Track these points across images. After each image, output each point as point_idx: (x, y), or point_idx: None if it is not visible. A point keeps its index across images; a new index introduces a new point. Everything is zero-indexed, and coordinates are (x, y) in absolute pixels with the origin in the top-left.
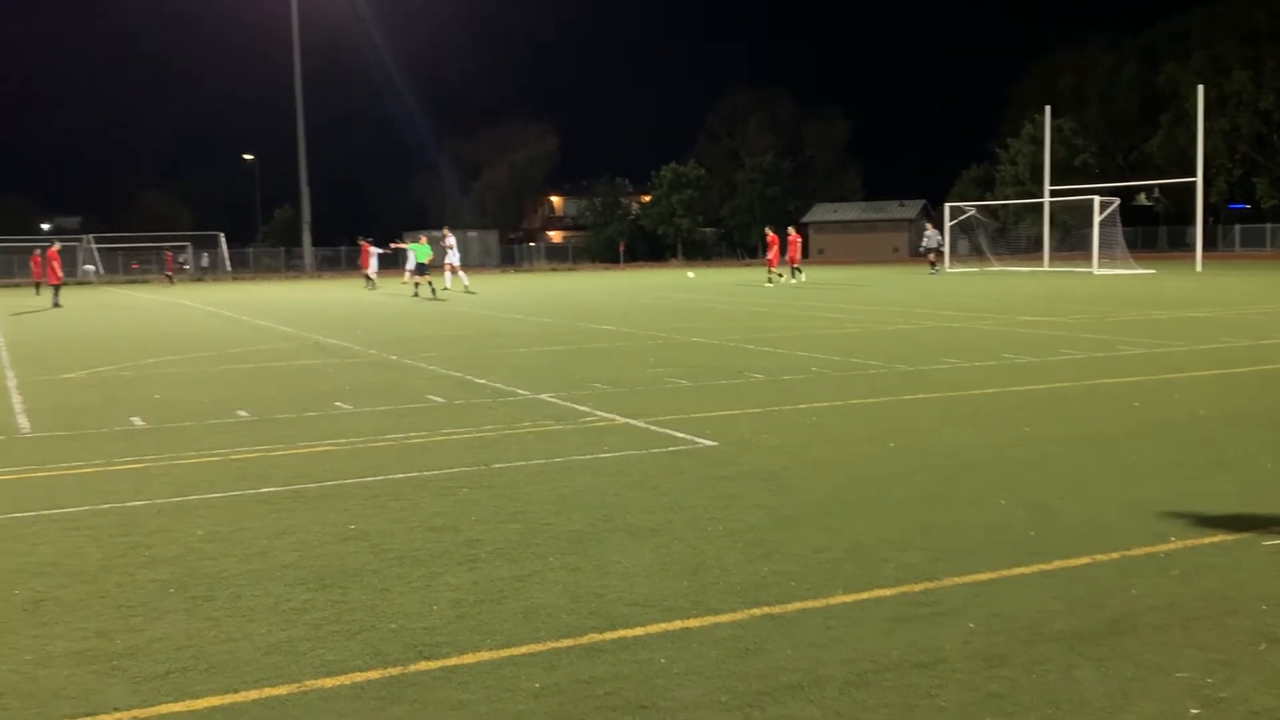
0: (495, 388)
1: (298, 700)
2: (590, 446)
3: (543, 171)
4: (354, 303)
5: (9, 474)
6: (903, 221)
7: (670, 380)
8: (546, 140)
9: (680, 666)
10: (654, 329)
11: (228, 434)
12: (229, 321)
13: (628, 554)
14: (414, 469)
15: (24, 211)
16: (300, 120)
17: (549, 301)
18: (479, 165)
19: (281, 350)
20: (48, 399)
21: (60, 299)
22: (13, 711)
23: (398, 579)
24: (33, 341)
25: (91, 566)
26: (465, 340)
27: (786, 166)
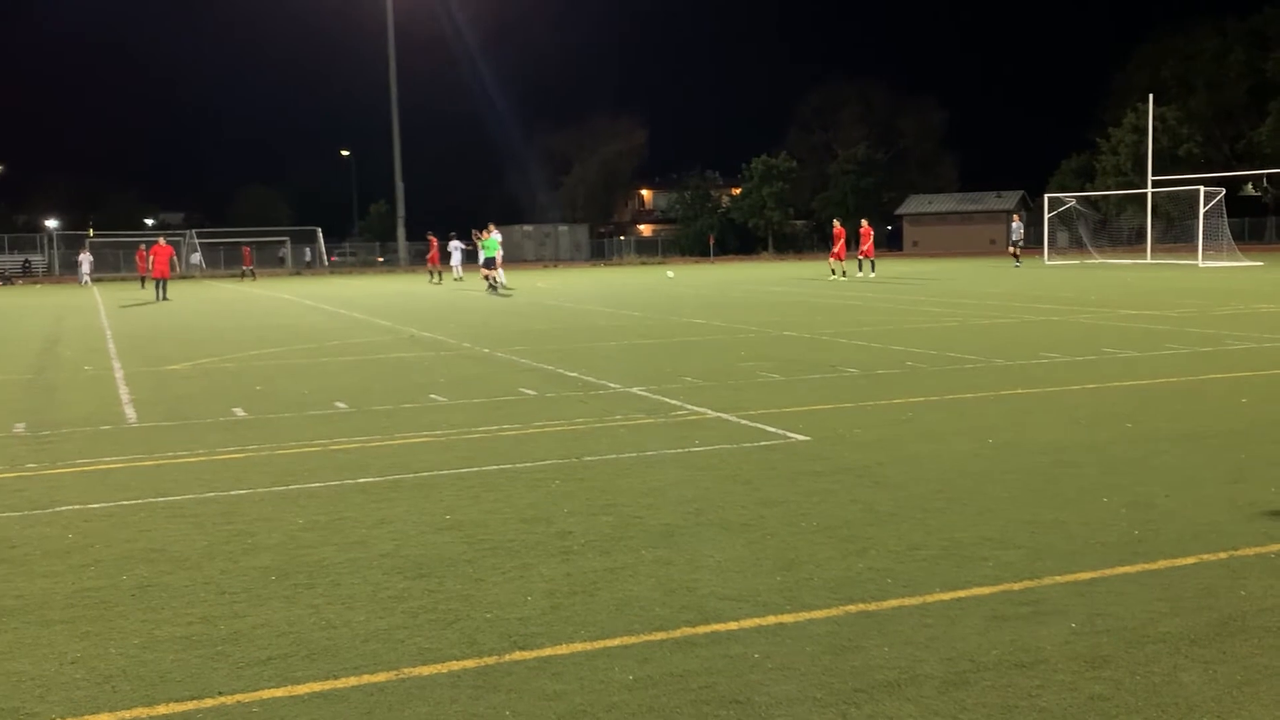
0: (586, 381)
1: (395, 687)
2: (681, 440)
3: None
4: (446, 297)
5: (117, 462)
6: (1000, 213)
7: (762, 374)
8: (636, 134)
9: (774, 662)
10: (745, 322)
11: (327, 425)
12: (327, 315)
13: (720, 548)
14: (507, 461)
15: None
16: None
17: (638, 295)
18: (569, 160)
19: (378, 343)
20: (153, 390)
21: (168, 293)
22: (122, 694)
23: (492, 569)
24: (139, 334)
25: (196, 553)
26: (556, 334)
27: (880, 157)
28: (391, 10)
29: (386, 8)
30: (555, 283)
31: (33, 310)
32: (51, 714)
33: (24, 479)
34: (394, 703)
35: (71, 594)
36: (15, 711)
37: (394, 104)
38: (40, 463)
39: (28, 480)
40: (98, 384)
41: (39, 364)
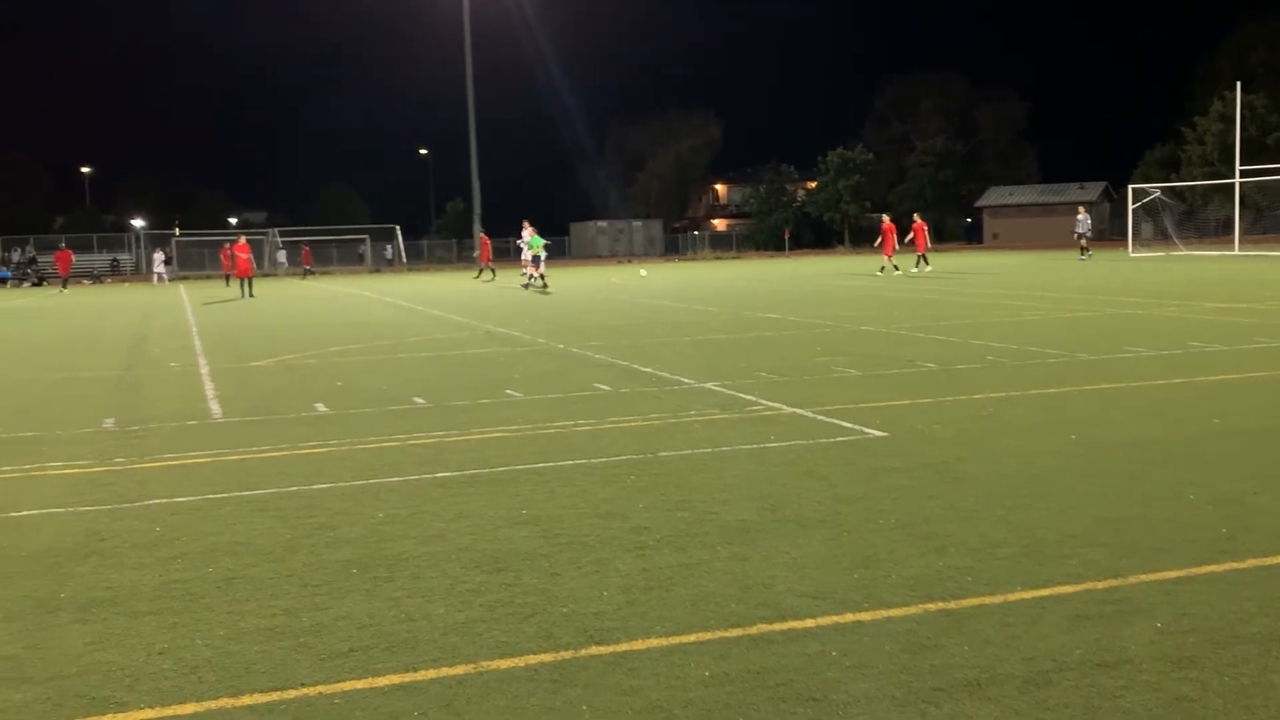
0: (660, 376)
1: (474, 680)
2: (756, 436)
3: (707, 160)
4: (520, 293)
5: (203, 457)
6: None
7: (838, 369)
8: (710, 128)
9: (851, 660)
10: (820, 317)
11: (405, 420)
12: (405, 311)
13: (796, 545)
14: (582, 456)
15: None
16: (471, 115)
17: (713, 290)
18: (643, 155)
19: (455, 339)
20: (238, 386)
21: (253, 290)
22: (208, 684)
23: (568, 564)
24: (223, 331)
25: (279, 546)
26: (630, 329)
27: (959, 149)
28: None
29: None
30: (629, 278)
31: (121, 308)
32: (140, 703)
33: (113, 473)
34: (472, 696)
35: (159, 586)
36: (106, 700)
37: (470, 102)
38: (129, 457)
39: (117, 474)
40: (184, 380)
41: (127, 361)
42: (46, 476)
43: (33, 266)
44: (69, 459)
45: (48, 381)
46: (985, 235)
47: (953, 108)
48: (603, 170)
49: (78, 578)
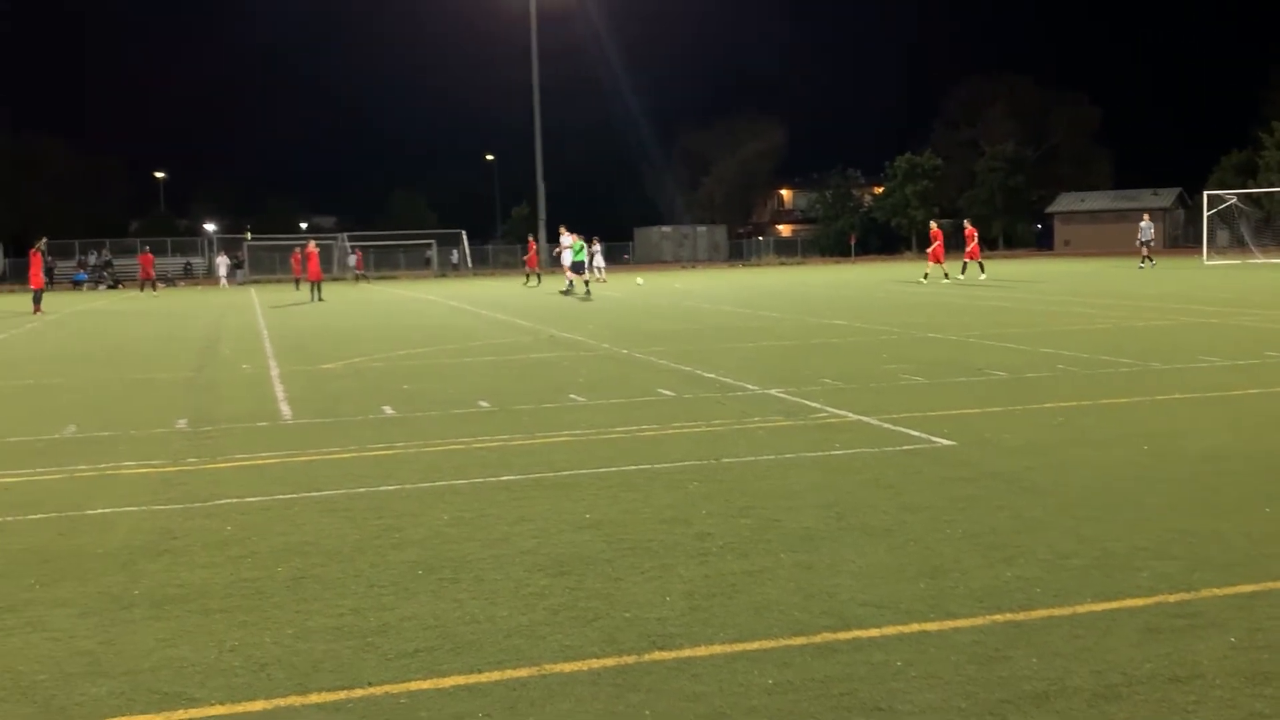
0: (724, 382)
1: (537, 683)
2: (821, 443)
3: (772, 165)
4: (582, 299)
5: (273, 458)
6: (1157, 211)
7: (904, 377)
8: (775, 133)
9: (917, 670)
10: (887, 323)
11: (470, 423)
12: (470, 316)
13: (861, 553)
14: (645, 461)
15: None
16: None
17: (777, 296)
18: (708, 160)
19: (519, 344)
20: (307, 388)
21: (322, 294)
22: (277, 682)
23: (631, 569)
24: (293, 334)
25: (347, 546)
26: (694, 334)
27: (1030, 154)
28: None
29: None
30: (693, 284)
31: (194, 311)
32: (211, 699)
33: (185, 473)
34: (536, 698)
35: (230, 584)
36: (177, 696)
37: (536, 109)
38: (201, 457)
39: (189, 474)
40: (255, 382)
41: (200, 362)
42: (121, 475)
43: (109, 269)
44: (143, 458)
45: (124, 382)
46: (1056, 242)
47: (1023, 111)
48: (667, 175)
49: (151, 575)
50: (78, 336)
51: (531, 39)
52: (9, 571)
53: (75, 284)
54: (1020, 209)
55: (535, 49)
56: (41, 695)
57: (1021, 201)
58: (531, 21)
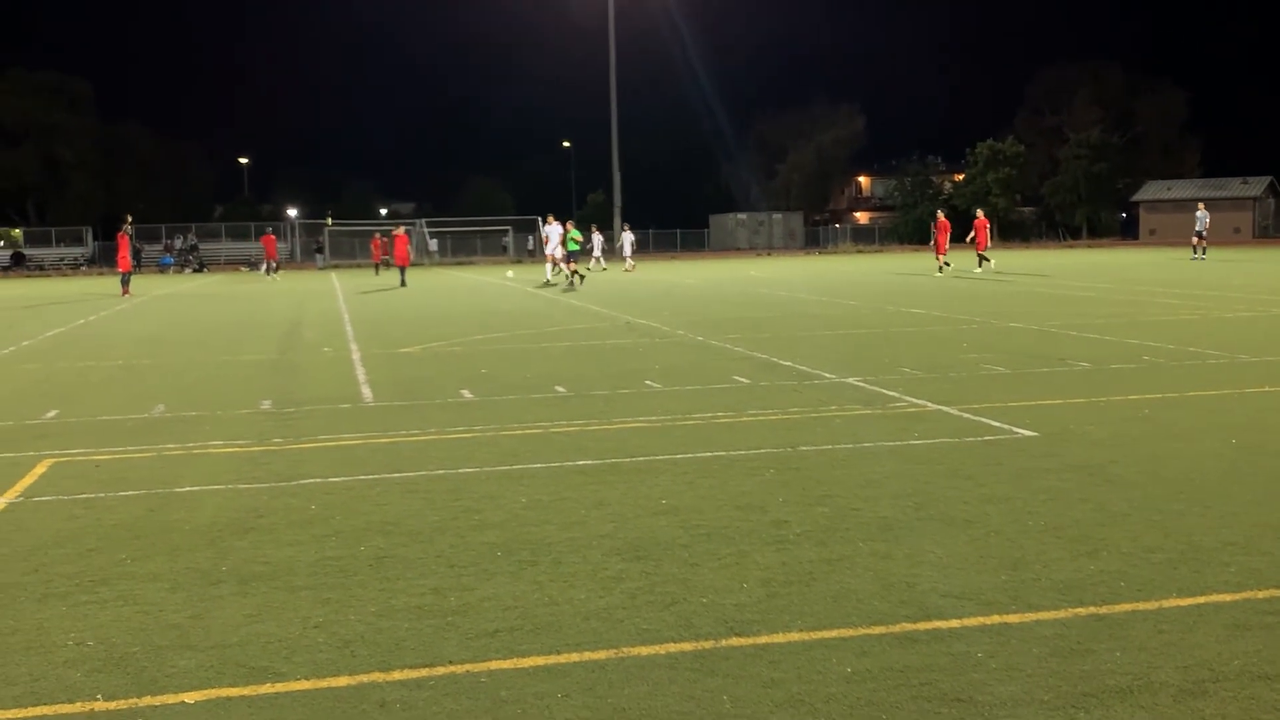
0: (800, 370)
1: (615, 666)
2: (900, 433)
3: (850, 151)
4: (660, 284)
5: (356, 439)
6: (1246, 200)
7: (986, 367)
8: (854, 120)
9: (998, 662)
10: (967, 313)
11: (547, 408)
12: (545, 301)
13: (941, 544)
14: (721, 448)
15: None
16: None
17: (854, 283)
18: (785, 147)
19: (595, 329)
20: (387, 371)
21: (405, 279)
22: (361, 659)
23: (708, 555)
24: (373, 318)
25: (427, 527)
26: (770, 322)
27: (1115, 141)
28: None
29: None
30: (768, 271)
31: (277, 295)
32: (296, 674)
33: (270, 453)
34: (614, 680)
35: (314, 562)
36: (264, 671)
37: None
38: (285, 438)
39: (274, 454)
40: (336, 365)
41: (283, 345)
42: (209, 454)
43: (194, 253)
44: (230, 438)
45: (210, 364)
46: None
47: (1109, 98)
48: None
49: (238, 552)
50: (165, 319)
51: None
52: (102, 546)
53: (162, 267)
54: (1104, 197)
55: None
56: (134, 666)
57: (1106, 189)
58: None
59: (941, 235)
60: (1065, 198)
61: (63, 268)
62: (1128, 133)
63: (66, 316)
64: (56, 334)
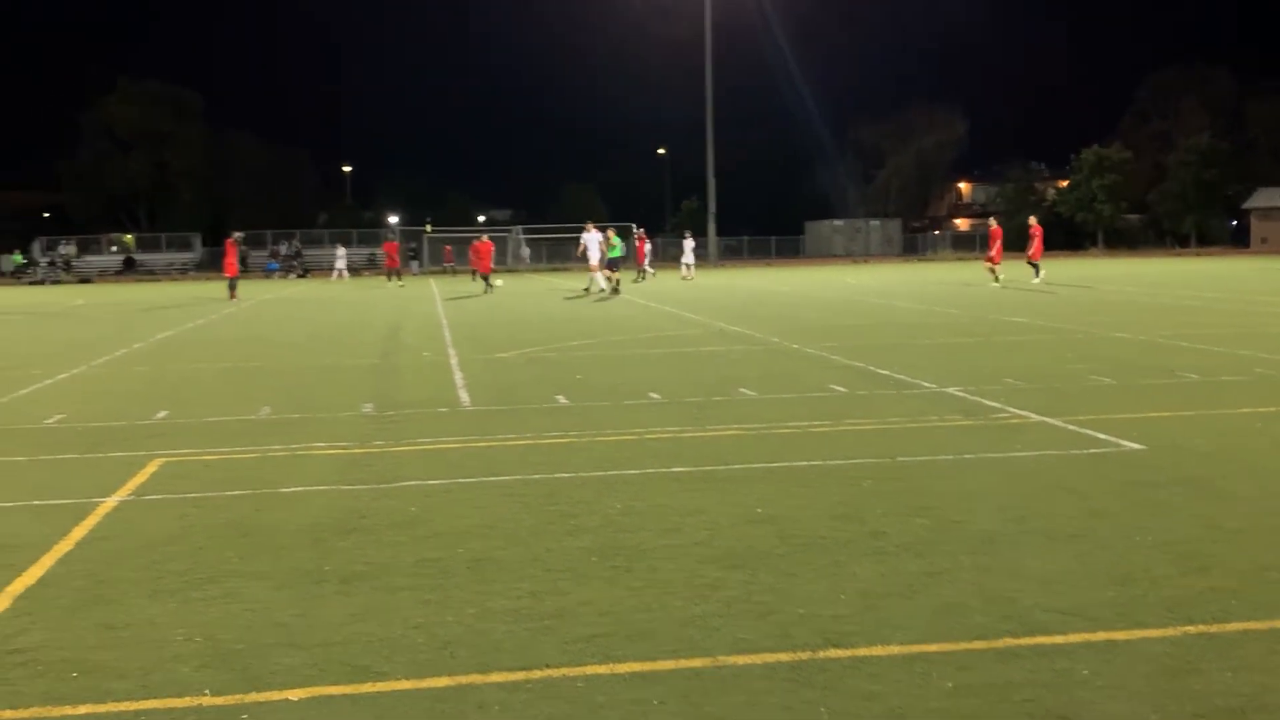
0: (899, 379)
1: (712, 674)
2: (1002, 444)
3: (950, 157)
4: (754, 292)
5: (454, 443)
6: None
7: (1091, 378)
8: (954, 125)
9: (1104, 680)
10: (1071, 322)
11: (641, 414)
12: (638, 308)
13: (1045, 558)
14: (818, 457)
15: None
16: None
17: (954, 291)
18: (882, 153)
19: (688, 336)
20: (484, 376)
21: (491, 285)
22: (460, 660)
23: (804, 565)
24: (471, 323)
25: (524, 531)
26: (866, 330)
27: (1225, 148)
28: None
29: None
30: (865, 278)
31: (377, 301)
32: (397, 674)
33: (372, 455)
34: (710, 689)
35: (414, 563)
36: (366, 670)
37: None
38: (386, 440)
39: (375, 456)
40: (435, 369)
41: (384, 349)
42: (312, 456)
43: (298, 259)
44: (332, 440)
45: (314, 367)
46: (1253, 239)
47: (1219, 103)
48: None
49: (340, 552)
50: (270, 323)
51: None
52: (210, 544)
53: (267, 272)
54: (1214, 204)
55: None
56: (240, 663)
57: (1215, 197)
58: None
59: (995, 243)
60: (1173, 205)
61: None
62: (1238, 138)
63: (176, 320)
64: (166, 337)
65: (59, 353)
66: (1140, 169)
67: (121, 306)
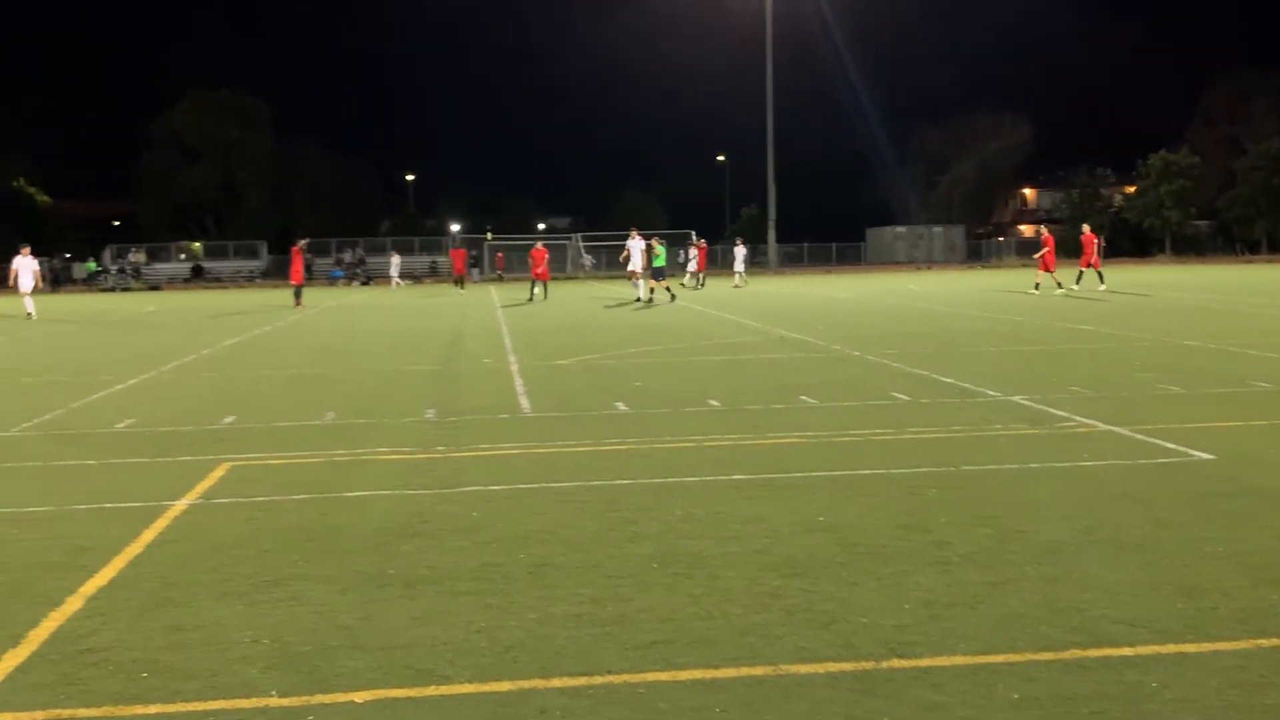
0: (963, 387)
1: (774, 683)
2: (1068, 454)
3: (1014, 163)
4: (814, 299)
5: (514, 449)
6: None
7: (1159, 386)
8: (1019, 130)
9: (1174, 693)
10: (1138, 330)
11: (701, 421)
12: (698, 315)
13: (1112, 569)
14: (880, 466)
15: (523, 212)
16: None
17: (1018, 299)
18: (946, 159)
19: (748, 344)
20: (544, 383)
21: (547, 293)
22: (521, 664)
23: (867, 574)
24: (530, 330)
25: (584, 537)
26: (929, 337)
27: None
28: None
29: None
30: (928, 285)
31: (439, 309)
32: (460, 678)
33: (434, 460)
34: (773, 697)
35: (476, 568)
36: (429, 673)
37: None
38: (448, 446)
39: (437, 462)
40: (496, 376)
41: (445, 356)
42: (376, 461)
43: (362, 266)
44: (395, 445)
45: (377, 373)
46: None
47: None
48: (902, 174)
49: (404, 556)
50: (335, 330)
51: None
52: (276, 548)
53: (331, 280)
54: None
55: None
56: (306, 665)
57: None
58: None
59: (1049, 252)
60: (1243, 211)
61: (239, 280)
62: None
63: (243, 327)
64: (234, 343)
65: (129, 359)
66: (1209, 174)
67: (189, 313)
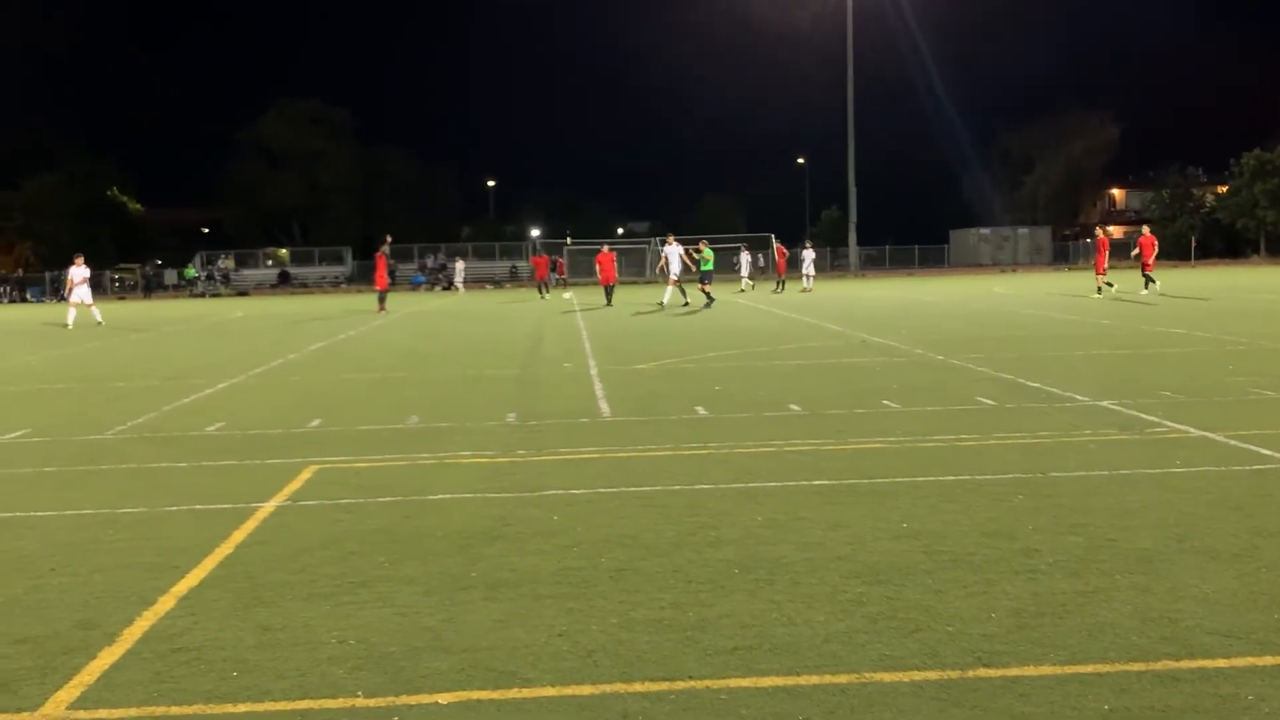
0: (1049, 392)
1: (857, 691)
2: (1160, 460)
3: (1102, 162)
4: (896, 302)
5: (595, 453)
6: None
7: (1255, 391)
8: (1106, 129)
9: (1270, 706)
10: (1234, 333)
11: (782, 426)
12: (779, 319)
13: (1206, 578)
14: (965, 472)
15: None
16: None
17: (1106, 301)
18: (1031, 159)
19: (830, 347)
20: (623, 387)
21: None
22: (603, 669)
23: (952, 582)
24: (609, 334)
25: (665, 542)
26: (1015, 341)
27: None
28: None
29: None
30: (1013, 288)
31: (520, 313)
32: (542, 681)
33: (515, 464)
34: (856, 705)
35: (557, 571)
36: (513, 675)
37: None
38: (529, 449)
39: (518, 465)
40: (575, 380)
41: (526, 360)
42: (458, 464)
43: (443, 272)
44: (477, 449)
45: (459, 378)
46: None
47: None
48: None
49: (486, 559)
50: (417, 334)
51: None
52: (362, 550)
53: (414, 285)
54: None
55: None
56: (392, 666)
57: None
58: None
59: (1101, 253)
60: None
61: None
62: None
63: (328, 331)
64: (319, 348)
65: (219, 363)
66: None
67: (276, 318)
